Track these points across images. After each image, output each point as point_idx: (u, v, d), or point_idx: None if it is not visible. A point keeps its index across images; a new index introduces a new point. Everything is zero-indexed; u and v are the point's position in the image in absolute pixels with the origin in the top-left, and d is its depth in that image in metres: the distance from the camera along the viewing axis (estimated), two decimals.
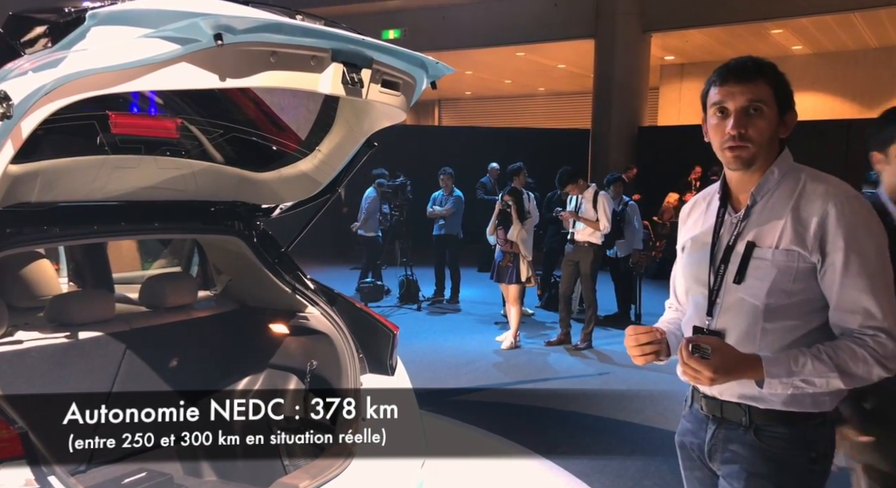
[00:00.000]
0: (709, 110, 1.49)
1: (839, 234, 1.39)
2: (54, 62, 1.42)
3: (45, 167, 1.81)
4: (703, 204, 1.64)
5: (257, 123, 2.42)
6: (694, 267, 1.57)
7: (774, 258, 1.43)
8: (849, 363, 1.38)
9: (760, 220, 1.47)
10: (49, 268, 2.68)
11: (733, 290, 1.48)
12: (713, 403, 1.54)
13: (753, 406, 1.48)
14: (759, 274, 1.45)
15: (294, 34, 1.61)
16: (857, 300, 1.40)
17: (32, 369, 2.07)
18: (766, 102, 1.43)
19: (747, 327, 1.47)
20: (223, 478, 2.62)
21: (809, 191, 1.44)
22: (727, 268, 1.49)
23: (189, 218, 2.38)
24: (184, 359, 2.60)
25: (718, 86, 1.46)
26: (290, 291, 2.52)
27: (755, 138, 1.44)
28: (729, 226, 1.52)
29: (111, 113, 1.95)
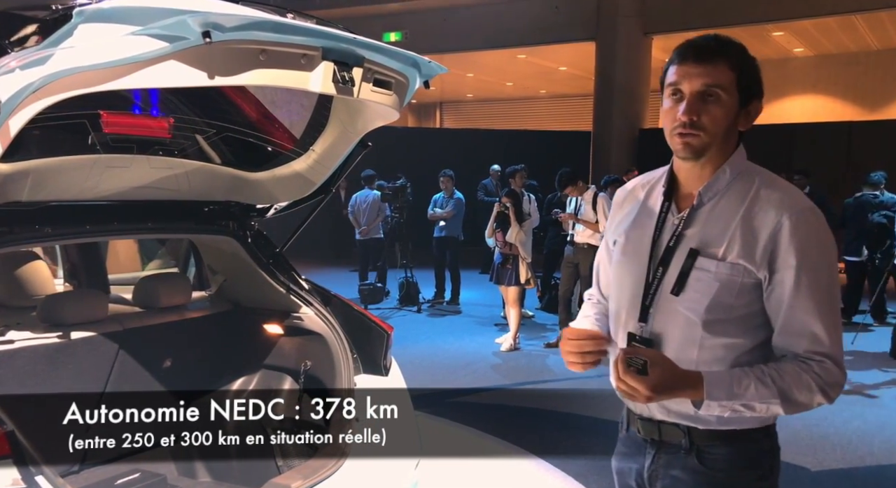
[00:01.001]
0: (664, 92, 1.34)
1: (791, 251, 1.26)
2: (41, 60, 1.42)
3: (35, 166, 1.80)
4: (639, 193, 1.48)
5: (252, 122, 2.42)
6: (629, 265, 1.42)
7: (718, 271, 1.29)
8: (793, 389, 1.27)
9: (707, 225, 1.33)
10: (43, 267, 2.68)
11: (669, 300, 1.34)
12: (650, 426, 1.41)
13: (693, 426, 1.36)
14: (699, 286, 1.31)
15: (284, 32, 1.61)
16: (805, 323, 1.28)
17: (24, 369, 2.06)
18: (726, 88, 1.28)
19: (684, 338, 1.34)
20: (217, 479, 2.61)
21: (763, 198, 1.30)
22: (665, 273, 1.35)
23: (183, 218, 2.37)
24: (178, 360, 2.59)
25: (676, 64, 1.31)
26: (285, 291, 2.51)
27: (708, 127, 1.29)
28: (670, 227, 1.37)
29: (103, 112, 1.94)
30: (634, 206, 1.47)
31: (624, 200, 1.51)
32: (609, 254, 1.52)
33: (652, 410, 1.40)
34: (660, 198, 1.41)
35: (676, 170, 1.40)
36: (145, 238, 3.33)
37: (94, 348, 2.28)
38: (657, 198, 1.42)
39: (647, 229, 1.41)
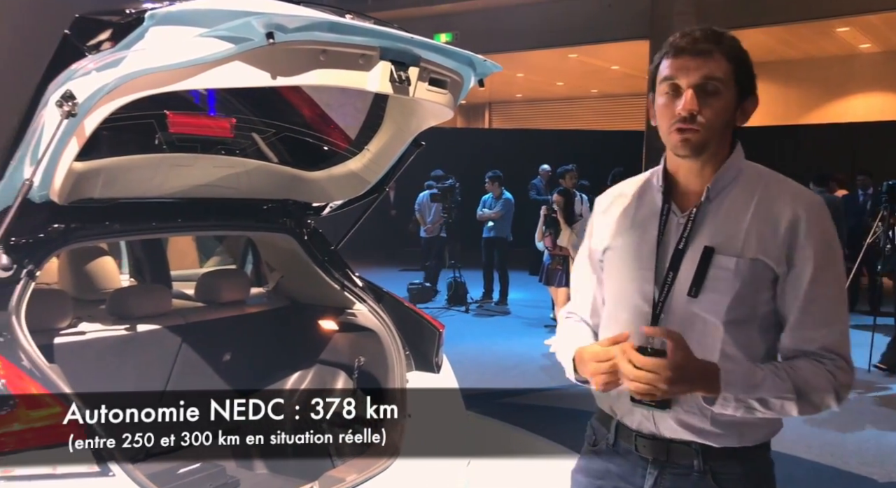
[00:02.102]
0: (658, 87, 1.27)
1: (810, 244, 1.22)
2: (115, 62, 1.48)
3: (107, 164, 1.88)
4: (627, 199, 1.39)
5: (308, 122, 2.47)
6: (629, 273, 1.32)
7: (739, 268, 1.23)
8: (809, 384, 1.20)
9: (718, 222, 1.26)
10: (111, 262, 2.79)
11: (685, 304, 1.25)
12: (655, 444, 1.29)
13: (707, 445, 1.26)
14: (719, 286, 1.23)
15: (344, 33, 1.63)
16: (821, 320, 1.22)
17: (95, 359, 2.16)
18: (725, 82, 1.23)
19: (703, 343, 1.24)
20: (272, 472, 2.68)
21: (774, 192, 1.26)
22: (676, 277, 1.26)
23: (243, 215, 2.44)
24: (236, 354, 2.66)
25: (671, 58, 1.24)
26: (339, 288, 2.55)
27: (709, 121, 1.22)
28: (676, 227, 1.29)
29: (169, 112, 2.01)
30: (625, 211, 1.38)
31: (609, 206, 1.42)
32: (594, 267, 1.42)
33: (659, 427, 1.29)
34: (657, 198, 1.33)
35: (674, 170, 1.32)
36: (207, 235, 3.43)
37: (159, 341, 2.36)
38: (653, 200, 1.34)
39: (647, 233, 1.32)
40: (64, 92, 1.49)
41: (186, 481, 2.40)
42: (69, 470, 1.50)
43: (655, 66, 1.30)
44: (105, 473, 1.53)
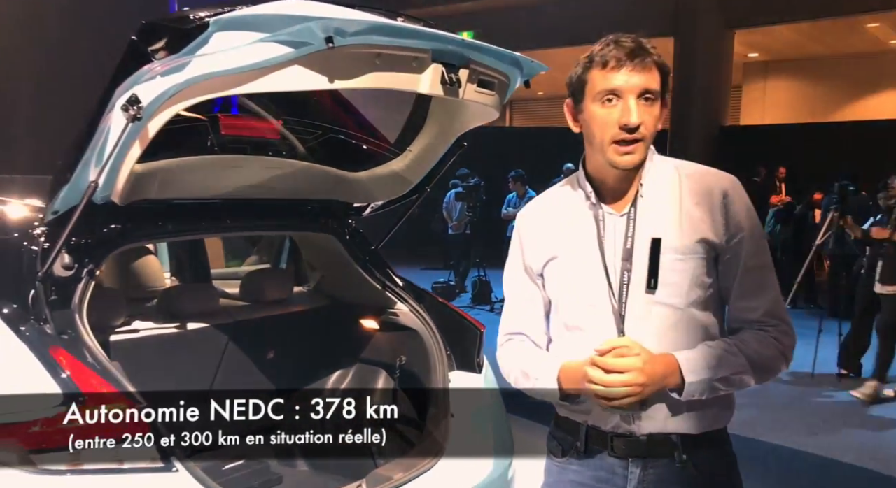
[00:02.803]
0: (592, 98, 1.28)
1: (741, 218, 1.30)
2: (180, 67, 1.52)
3: (163, 166, 1.92)
4: (552, 209, 1.40)
5: (351, 124, 2.49)
6: (583, 278, 1.33)
7: (688, 251, 1.29)
8: (759, 354, 1.27)
9: (657, 213, 1.31)
10: (155, 261, 2.85)
11: (645, 297, 1.29)
12: (633, 442, 1.30)
13: (686, 434, 1.30)
14: (674, 271, 1.29)
15: (398, 36, 1.65)
16: (760, 287, 1.30)
17: (148, 357, 2.21)
18: (657, 92, 1.27)
19: (663, 334, 1.28)
20: (314, 469, 2.71)
21: (694, 176, 1.34)
22: (631, 274, 1.30)
23: (288, 215, 2.47)
24: (280, 352, 2.70)
25: (611, 70, 1.25)
26: (381, 288, 2.57)
27: (650, 130, 1.27)
28: (616, 227, 1.32)
29: (221, 115, 2.05)
30: (556, 221, 1.38)
31: (535, 220, 1.42)
32: (530, 285, 1.41)
33: (637, 424, 1.30)
34: (586, 204, 1.36)
35: (600, 175, 1.35)
36: (253, 235, 3.48)
37: (208, 339, 2.41)
38: (583, 206, 1.36)
39: (587, 239, 1.34)
40: (129, 96, 1.52)
41: (232, 477, 2.44)
42: (135, 465, 1.53)
43: (580, 76, 1.31)
44: (169, 468, 1.56)
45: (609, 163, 1.30)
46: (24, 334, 1.62)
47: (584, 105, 1.31)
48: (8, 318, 1.64)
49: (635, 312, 1.30)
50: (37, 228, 1.79)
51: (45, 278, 1.70)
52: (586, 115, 1.31)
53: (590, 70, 1.29)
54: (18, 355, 1.59)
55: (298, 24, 1.49)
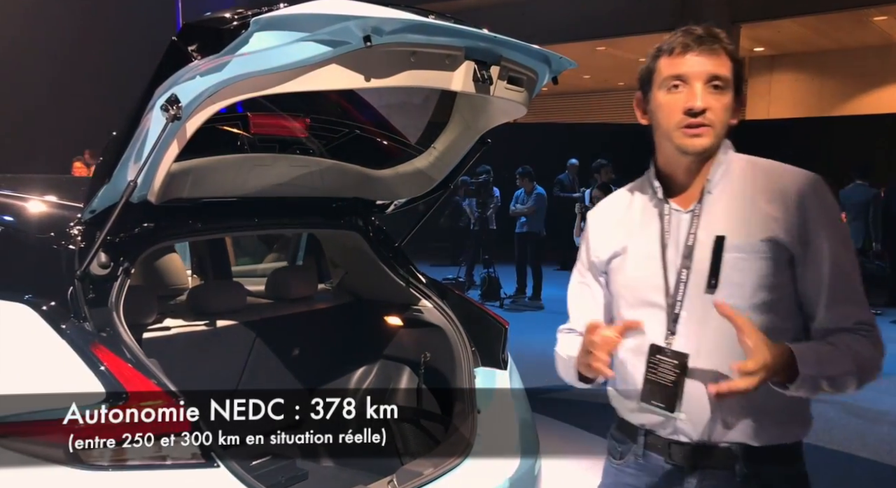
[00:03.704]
0: (658, 85, 1.27)
1: (821, 220, 1.23)
2: (219, 66, 1.52)
3: (195, 165, 1.93)
4: (623, 206, 1.39)
5: (375, 123, 2.50)
6: (641, 275, 1.31)
7: (753, 250, 1.23)
8: (863, 356, 1.19)
9: (723, 211, 1.27)
10: (178, 259, 2.86)
11: (704, 297, 1.24)
12: (691, 450, 1.26)
13: (748, 444, 1.24)
14: (737, 274, 1.23)
15: (434, 34, 1.66)
16: (851, 295, 1.23)
17: (178, 354, 2.22)
18: (728, 80, 1.25)
19: (723, 338, 1.20)
20: (339, 465, 2.73)
21: (773, 174, 1.28)
22: (690, 273, 1.26)
23: (314, 213, 2.48)
24: (305, 349, 2.72)
25: (677, 55, 1.25)
26: (405, 285, 2.58)
27: (718, 117, 1.24)
28: (680, 224, 1.29)
29: (250, 114, 2.06)
30: (622, 218, 1.38)
31: (604, 218, 1.42)
32: (591, 282, 1.42)
33: (696, 431, 1.26)
34: (654, 199, 1.34)
35: (669, 169, 1.33)
36: (280, 233, 3.49)
37: (236, 336, 2.42)
38: (651, 201, 1.35)
39: (650, 235, 1.32)
40: (169, 96, 1.53)
41: (259, 474, 2.45)
42: (178, 461, 1.55)
43: (649, 67, 1.31)
44: (211, 464, 1.58)
45: (678, 149, 1.27)
46: (66, 332, 1.63)
47: (651, 94, 1.30)
48: (48, 316, 1.66)
49: (692, 313, 1.26)
50: (73, 227, 1.80)
51: (83, 276, 1.71)
52: (653, 105, 1.30)
53: (658, 59, 1.29)
54: (60, 352, 1.61)
55: (337, 24, 1.49)
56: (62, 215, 1.87)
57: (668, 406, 1.22)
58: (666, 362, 1.25)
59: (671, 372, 1.24)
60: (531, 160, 8.84)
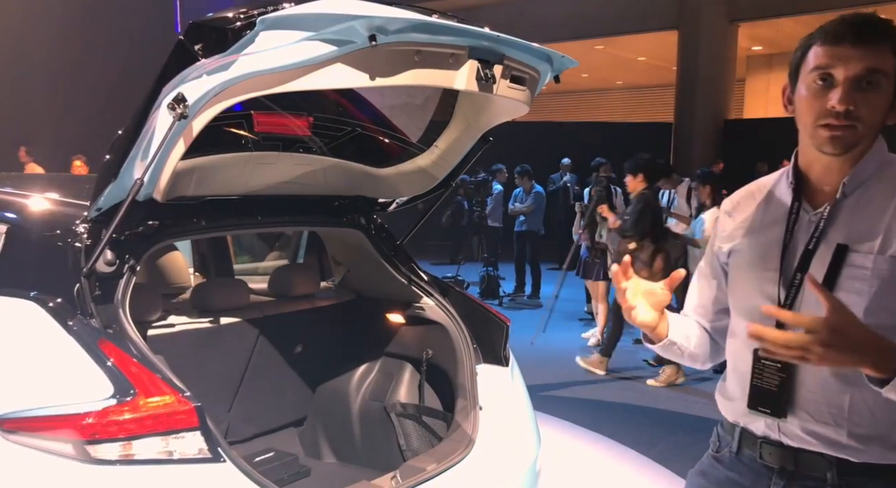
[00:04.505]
0: (804, 76, 1.17)
1: None
2: (226, 65, 1.54)
3: (200, 163, 1.94)
4: (756, 198, 1.32)
5: (377, 121, 2.51)
6: (753, 275, 1.25)
7: (877, 266, 1.12)
8: None
9: (854, 218, 1.16)
10: (181, 258, 2.87)
11: (816, 308, 1.09)
12: (782, 453, 1.21)
13: (844, 458, 1.16)
14: (854, 286, 1.13)
15: (438, 33, 1.67)
16: None
17: (182, 350, 2.23)
18: (887, 74, 1.11)
19: None
20: (341, 461, 2.74)
21: None
22: (804, 279, 1.17)
23: (316, 211, 2.50)
24: (308, 346, 2.73)
25: (828, 45, 1.13)
26: (406, 282, 2.60)
27: (866, 117, 1.12)
28: (807, 226, 1.21)
29: (254, 112, 2.07)
30: (753, 211, 1.31)
31: (736, 206, 1.35)
32: (714, 269, 1.37)
33: (786, 435, 1.21)
34: (786, 196, 1.25)
35: (807, 166, 1.24)
36: (283, 230, 3.50)
37: (239, 333, 2.44)
38: (782, 198, 1.26)
39: (774, 232, 1.25)
40: (176, 95, 1.54)
41: (262, 470, 2.47)
42: (185, 456, 1.56)
43: (800, 55, 1.20)
44: (217, 459, 1.59)
45: (817, 148, 1.18)
46: (73, 328, 1.64)
47: (797, 85, 1.20)
48: (55, 313, 1.67)
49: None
50: (80, 225, 1.81)
51: (89, 274, 1.72)
52: (797, 96, 1.20)
53: (809, 47, 1.18)
54: (68, 349, 1.62)
55: (343, 23, 1.51)
56: (68, 213, 1.88)
57: (773, 411, 1.20)
58: (770, 367, 1.20)
59: (776, 378, 1.20)
60: (529, 159, 8.86)
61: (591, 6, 12.31)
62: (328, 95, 2.34)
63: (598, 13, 12.33)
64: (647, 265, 5.04)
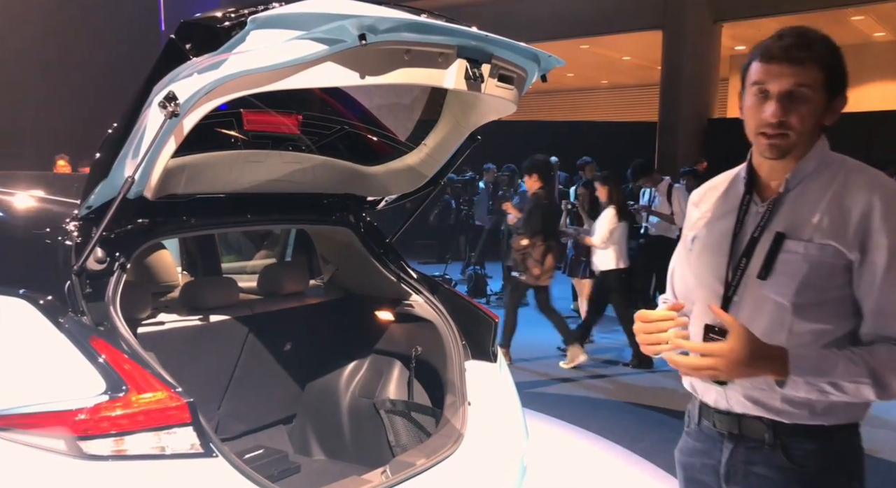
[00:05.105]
0: (748, 88, 1.34)
1: (883, 232, 1.25)
2: (217, 64, 1.55)
3: (190, 161, 1.95)
4: (719, 189, 1.49)
5: (367, 120, 2.53)
6: (708, 259, 1.42)
7: (808, 252, 1.28)
8: (885, 369, 1.23)
9: (793, 210, 1.33)
10: (169, 256, 2.87)
11: (756, 286, 1.32)
12: (728, 419, 1.39)
13: (778, 420, 1.33)
14: (787, 269, 1.30)
15: (427, 32, 1.69)
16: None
17: (174, 348, 2.24)
18: (814, 87, 1.27)
19: (770, 328, 1.30)
20: (331, 458, 2.76)
21: (852, 180, 1.30)
22: (749, 262, 1.34)
23: (305, 209, 2.51)
24: (297, 344, 2.74)
25: (764, 62, 1.30)
26: (396, 280, 2.62)
27: (796, 126, 1.28)
28: (755, 216, 1.37)
29: (244, 110, 2.08)
30: (714, 202, 1.48)
31: (700, 200, 1.52)
32: (687, 254, 1.51)
33: (731, 403, 1.38)
34: (740, 190, 1.42)
35: (757, 165, 1.40)
36: (272, 228, 3.50)
37: (229, 331, 2.44)
38: (737, 191, 1.43)
39: (727, 221, 1.41)
40: (167, 93, 1.55)
41: (252, 466, 2.49)
42: (177, 452, 1.57)
43: (746, 65, 1.36)
44: (209, 454, 1.60)
45: (758, 152, 1.36)
46: (64, 326, 1.65)
47: (744, 93, 1.36)
48: (46, 310, 1.67)
49: (743, 302, 1.35)
50: (70, 223, 1.81)
51: (80, 271, 1.73)
52: (743, 105, 1.37)
53: (752, 60, 1.34)
54: (59, 346, 1.62)
55: (333, 22, 1.52)
56: (58, 211, 1.88)
57: (719, 380, 1.32)
58: (716, 340, 1.32)
59: None
60: (514, 158, 8.90)
61: (577, 6, 12.37)
62: (317, 94, 2.35)
63: (583, 13, 12.39)
64: (539, 263, 5.31)
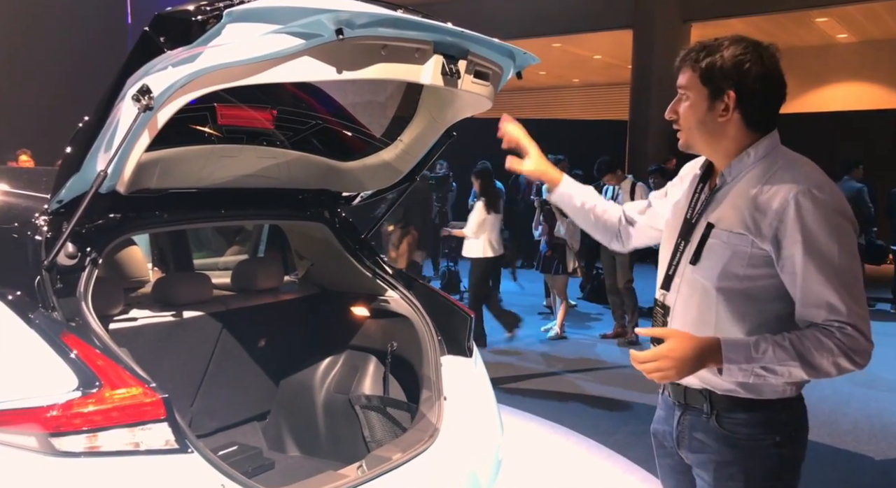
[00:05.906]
0: None
1: (797, 229, 1.35)
2: (191, 58, 1.53)
3: (163, 155, 1.93)
4: (690, 170, 1.67)
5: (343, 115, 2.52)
6: (667, 234, 1.62)
7: (728, 240, 1.43)
8: (812, 352, 1.33)
9: (724, 203, 1.47)
10: (140, 252, 2.83)
11: (690, 270, 1.50)
12: (677, 389, 1.56)
13: (713, 391, 1.49)
14: (712, 255, 1.45)
15: (404, 27, 1.70)
16: (819, 294, 1.35)
17: (146, 344, 2.21)
18: (690, 88, 1.48)
19: (701, 308, 1.48)
20: (305, 454, 2.75)
21: (777, 177, 1.41)
22: (687, 246, 1.52)
23: (280, 205, 2.49)
24: (271, 340, 2.72)
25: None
26: (371, 276, 2.62)
27: (682, 123, 1.51)
28: (702, 203, 1.54)
29: (217, 105, 2.06)
30: (686, 185, 1.65)
31: (683, 178, 1.68)
32: (657, 204, 1.74)
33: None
34: (697, 179, 1.60)
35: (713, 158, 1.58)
36: (247, 223, 3.47)
37: (202, 327, 2.42)
38: (695, 180, 1.61)
39: (683, 206, 1.59)
40: (141, 86, 1.53)
41: (226, 463, 2.47)
42: (152, 447, 1.56)
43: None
44: (184, 450, 1.59)
45: None
46: (34, 321, 1.62)
47: None
48: (15, 306, 1.64)
49: (681, 280, 1.53)
50: (39, 218, 1.78)
51: (50, 267, 1.70)
52: None
53: None
54: (30, 342, 1.60)
55: (310, 17, 1.52)
56: (27, 205, 1.85)
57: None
58: (658, 312, 1.58)
59: (661, 321, 1.56)
60: (487, 156, 8.93)
61: (549, 4, 12.44)
62: (290, 90, 2.34)
63: (555, 11, 12.47)
64: (395, 246, 6.15)
